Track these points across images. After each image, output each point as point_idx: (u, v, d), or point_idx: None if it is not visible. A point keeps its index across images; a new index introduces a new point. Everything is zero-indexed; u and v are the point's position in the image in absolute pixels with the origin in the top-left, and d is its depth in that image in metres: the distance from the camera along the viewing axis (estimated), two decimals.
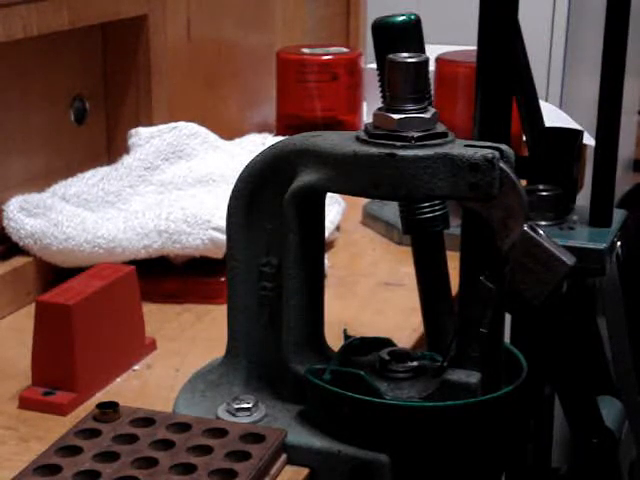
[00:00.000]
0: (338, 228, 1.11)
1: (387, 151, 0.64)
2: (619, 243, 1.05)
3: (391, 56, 0.66)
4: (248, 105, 1.42)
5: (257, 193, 0.71)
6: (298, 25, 1.56)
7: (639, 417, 1.09)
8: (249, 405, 0.70)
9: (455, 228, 0.73)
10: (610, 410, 1.05)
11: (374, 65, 0.74)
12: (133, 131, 1.08)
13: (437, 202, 0.73)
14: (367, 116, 1.41)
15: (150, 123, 1.12)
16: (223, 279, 0.89)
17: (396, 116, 0.65)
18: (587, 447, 0.94)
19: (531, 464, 0.94)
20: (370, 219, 1.16)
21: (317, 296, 0.73)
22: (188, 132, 1.11)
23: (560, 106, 2.12)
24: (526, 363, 0.71)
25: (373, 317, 0.92)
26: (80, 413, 0.73)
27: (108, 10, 1.05)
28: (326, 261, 0.86)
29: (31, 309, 0.77)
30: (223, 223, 0.75)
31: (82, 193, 1.00)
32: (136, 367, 0.82)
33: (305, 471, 0.67)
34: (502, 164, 0.63)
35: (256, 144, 1.18)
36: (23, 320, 0.89)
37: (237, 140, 1.21)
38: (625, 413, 1.08)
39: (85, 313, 0.75)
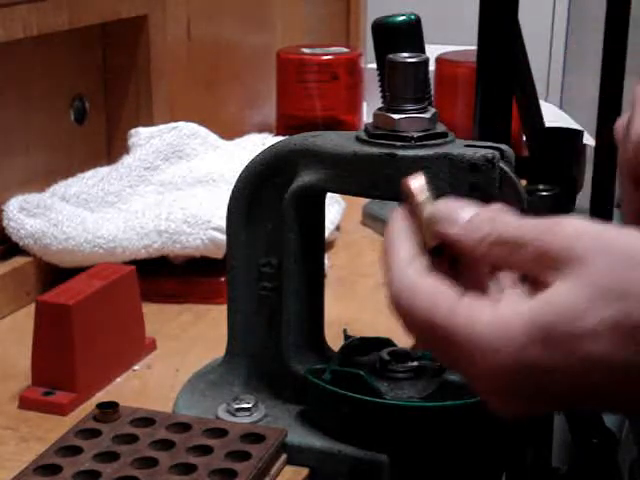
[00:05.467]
0: (338, 228, 1.11)
1: (387, 151, 0.64)
2: None
3: (391, 56, 0.66)
4: (248, 105, 1.42)
5: (257, 193, 0.71)
6: (298, 25, 1.56)
7: (639, 417, 1.09)
8: (249, 405, 0.70)
9: None
10: None
11: (374, 65, 0.74)
12: (133, 131, 1.08)
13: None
14: (367, 116, 1.41)
15: (150, 123, 1.12)
16: (223, 279, 0.89)
17: (396, 116, 0.65)
18: (587, 447, 0.94)
19: (531, 464, 0.94)
20: (370, 219, 1.16)
21: (317, 296, 0.73)
22: (188, 132, 1.11)
23: (560, 106, 2.13)
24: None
25: (373, 317, 0.91)
26: (80, 413, 0.73)
27: (108, 10, 1.05)
28: (326, 261, 0.86)
29: (31, 309, 0.77)
30: (223, 223, 0.75)
31: (82, 193, 1.00)
32: (136, 367, 0.82)
33: (305, 471, 0.67)
34: (502, 164, 0.63)
35: (256, 144, 1.18)
36: (23, 320, 0.89)
37: (237, 140, 1.21)
38: None
39: (85, 313, 0.75)
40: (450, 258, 0.50)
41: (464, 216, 0.49)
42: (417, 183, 0.52)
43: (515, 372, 0.45)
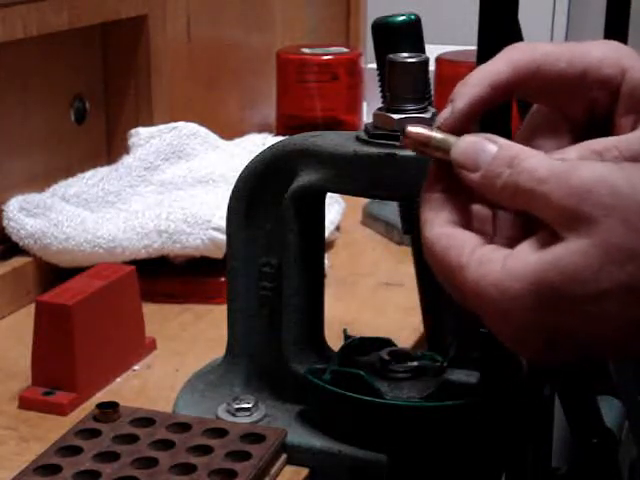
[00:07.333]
0: (338, 228, 1.11)
1: (387, 151, 0.64)
2: None
3: (391, 56, 0.66)
4: (248, 105, 1.42)
5: (257, 193, 0.71)
6: (298, 25, 1.56)
7: (639, 417, 1.09)
8: (249, 405, 0.70)
9: None
10: (610, 410, 1.04)
11: (374, 65, 0.74)
12: (133, 131, 1.08)
13: None
14: (367, 116, 1.41)
15: (150, 123, 1.12)
16: (223, 279, 0.89)
17: (396, 116, 0.65)
18: (587, 447, 0.94)
19: (531, 464, 0.94)
20: (370, 219, 1.15)
21: (317, 296, 0.73)
22: (188, 132, 1.11)
23: None
24: (526, 363, 0.71)
25: (373, 317, 0.92)
26: (80, 413, 0.73)
27: (108, 10, 1.05)
28: (326, 261, 0.86)
29: (31, 309, 0.77)
30: (223, 223, 0.75)
31: (82, 193, 1.00)
32: (136, 367, 0.82)
33: (305, 471, 0.67)
34: None
35: (256, 144, 1.18)
36: (23, 320, 0.89)
37: (237, 140, 1.21)
38: (625, 413, 1.07)
39: (85, 313, 0.75)
40: None
41: (485, 158, 0.48)
42: (418, 128, 0.51)
43: (523, 329, 0.46)
